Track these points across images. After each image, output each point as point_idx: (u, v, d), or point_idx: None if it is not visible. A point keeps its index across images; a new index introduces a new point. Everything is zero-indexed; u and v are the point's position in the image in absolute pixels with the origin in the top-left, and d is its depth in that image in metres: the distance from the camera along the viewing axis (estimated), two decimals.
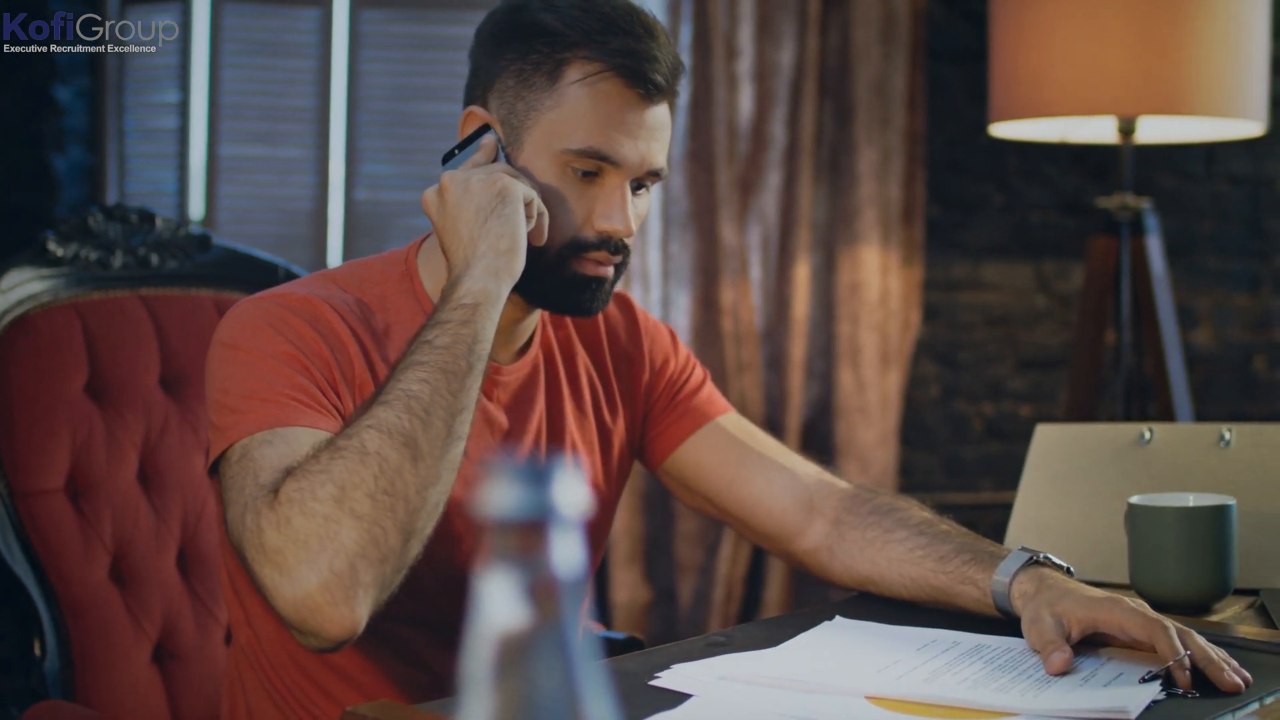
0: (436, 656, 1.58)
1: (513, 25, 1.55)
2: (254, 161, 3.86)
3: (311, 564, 1.28)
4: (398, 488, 1.32)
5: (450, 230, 1.48)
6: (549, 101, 1.52)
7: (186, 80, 3.80)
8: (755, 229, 3.72)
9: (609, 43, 1.50)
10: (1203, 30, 2.94)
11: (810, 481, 1.74)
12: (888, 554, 1.63)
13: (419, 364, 1.38)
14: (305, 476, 1.31)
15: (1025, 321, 3.95)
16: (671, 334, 1.81)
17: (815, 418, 3.80)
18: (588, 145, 1.51)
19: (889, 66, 3.72)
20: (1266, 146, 3.85)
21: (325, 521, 1.29)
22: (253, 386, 1.42)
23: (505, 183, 1.47)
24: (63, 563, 1.80)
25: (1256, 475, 1.80)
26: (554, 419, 1.66)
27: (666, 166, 1.57)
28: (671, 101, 1.57)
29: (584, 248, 1.54)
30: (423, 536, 1.35)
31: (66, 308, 1.88)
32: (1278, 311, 3.94)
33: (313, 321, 1.47)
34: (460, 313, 1.42)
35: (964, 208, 3.93)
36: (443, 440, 1.36)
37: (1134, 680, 1.31)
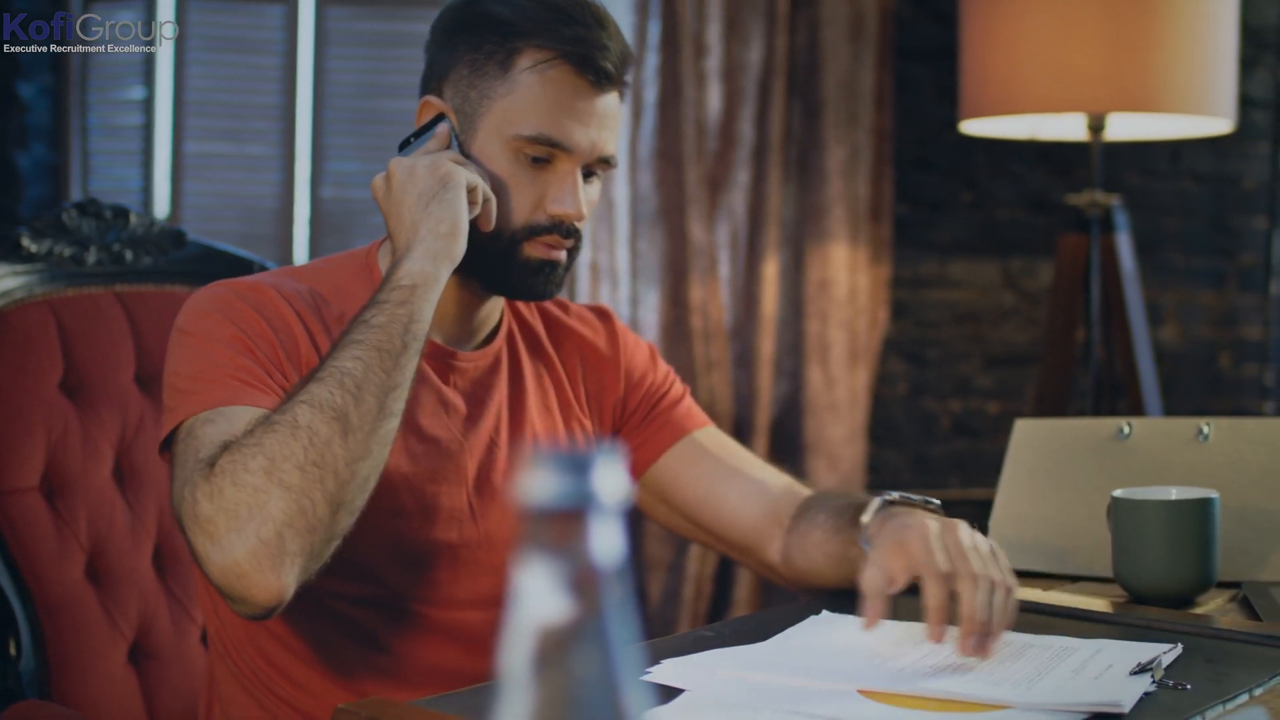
0: (394, 637, 1.60)
1: (466, 16, 1.61)
2: (219, 159, 3.83)
3: (240, 532, 1.33)
4: (327, 460, 1.36)
5: (395, 214, 1.54)
6: (501, 89, 1.57)
7: (151, 77, 3.77)
8: (724, 227, 3.72)
9: (560, 31, 1.55)
10: (1173, 28, 2.96)
11: (778, 492, 1.76)
12: (812, 540, 1.68)
13: (355, 342, 1.43)
14: (239, 450, 1.36)
15: (992, 319, 3.97)
16: (652, 350, 1.85)
17: (784, 415, 3.80)
18: (539, 132, 1.56)
19: (857, 65, 3.73)
20: (1231, 144, 3.88)
21: (255, 492, 1.34)
22: (199, 369, 1.48)
23: (448, 168, 1.53)
24: (38, 562, 1.78)
25: (1235, 469, 1.80)
26: (515, 410, 1.69)
27: (616, 155, 1.62)
28: (621, 90, 1.62)
29: (536, 231, 1.58)
30: (353, 509, 1.40)
31: (41, 304, 1.86)
32: (1243, 308, 3.97)
33: (259, 306, 1.53)
34: (398, 294, 1.46)
35: (931, 205, 3.94)
36: (374, 416, 1.40)
37: (1124, 672, 1.31)
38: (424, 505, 1.60)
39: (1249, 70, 3.81)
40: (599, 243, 3.61)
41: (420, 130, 1.62)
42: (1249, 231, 3.96)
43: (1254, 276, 3.96)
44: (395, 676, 1.59)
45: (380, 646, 1.60)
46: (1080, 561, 1.78)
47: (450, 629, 1.62)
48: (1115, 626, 1.48)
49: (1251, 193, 3.94)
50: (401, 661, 1.60)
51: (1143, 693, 1.26)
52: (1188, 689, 1.28)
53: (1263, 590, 1.65)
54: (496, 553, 1.65)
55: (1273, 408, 3.92)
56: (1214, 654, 1.39)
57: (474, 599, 1.63)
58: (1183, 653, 1.38)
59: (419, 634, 1.61)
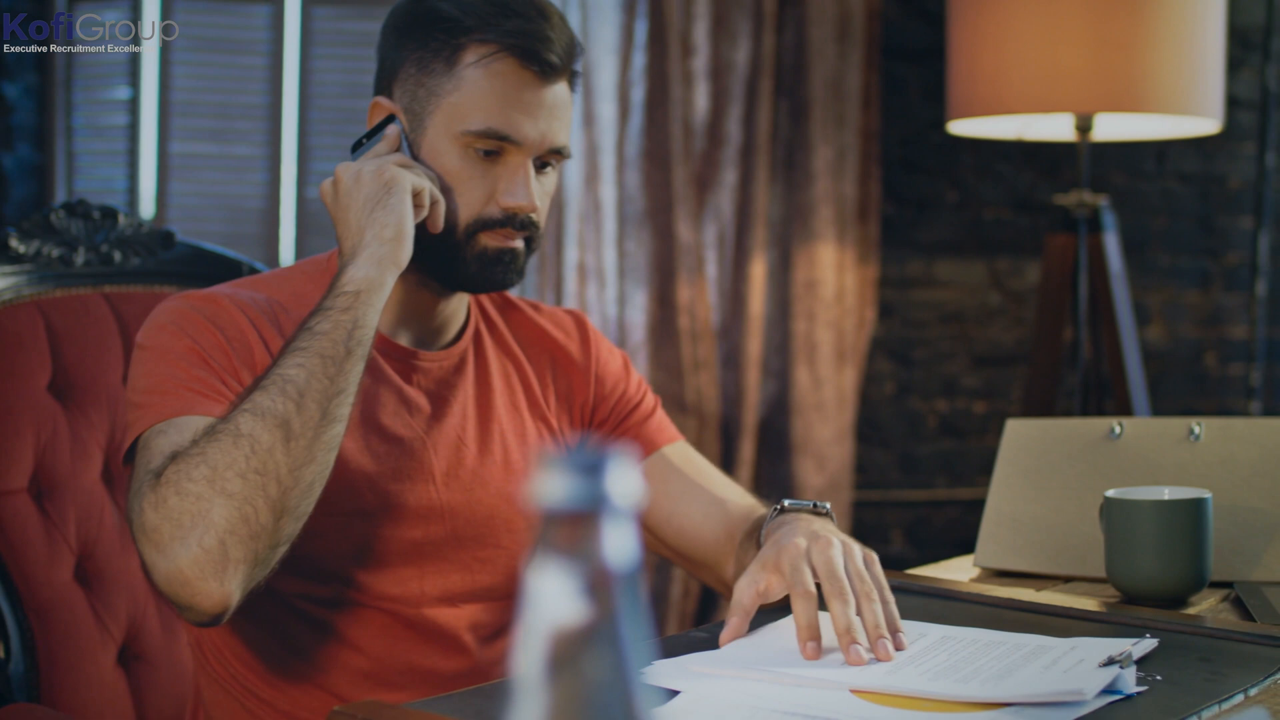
0: (368, 637, 1.61)
1: (413, 15, 1.62)
2: (205, 159, 3.82)
3: (183, 541, 1.35)
4: (269, 467, 1.38)
5: (341, 220, 1.55)
6: (448, 86, 1.58)
7: (136, 77, 3.76)
8: (711, 227, 3.71)
9: (502, 24, 1.56)
10: (1160, 29, 2.96)
11: (737, 513, 1.76)
12: (748, 557, 1.66)
13: (298, 349, 1.44)
14: (183, 460, 1.38)
15: (979, 318, 3.97)
16: (625, 360, 1.85)
17: (772, 415, 3.80)
18: (487, 126, 1.57)
19: (844, 65, 3.73)
20: (1216, 145, 3.89)
21: (197, 500, 1.36)
22: (154, 382, 1.50)
23: (392, 173, 1.54)
24: (27, 564, 1.77)
25: (1227, 469, 1.80)
26: (482, 408, 1.70)
27: (569, 145, 1.63)
28: (572, 80, 1.63)
29: (489, 225, 1.59)
30: (298, 514, 1.41)
31: (29, 305, 1.85)
32: (1228, 308, 3.97)
33: (213, 317, 1.54)
34: (343, 299, 1.48)
35: (918, 205, 3.95)
36: (316, 422, 1.41)
37: (1094, 665, 1.31)
38: (389, 504, 1.61)
39: (1234, 70, 3.82)
40: (586, 243, 3.61)
41: (371, 132, 1.63)
42: (1235, 231, 3.97)
43: (1239, 276, 3.97)
44: (372, 677, 1.61)
45: (355, 647, 1.61)
46: (1072, 562, 1.78)
47: (423, 627, 1.62)
48: (1108, 626, 1.48)
49: (1237, 192, 3.95)
50: (377, 661, 1.61)
51: (1109, 683, 1.26)
52: (1157, 680, 1.28)
53: (1255, 590, 1.65)
54: (465, 549, 1.65)
55: (1258, 407, 3.93)
56: (1208, 653, 1.39)
57: (444, 596, 1.64)
58: (1177, 652, 1.38)
59: (392, 633, 1.62)
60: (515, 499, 1.70)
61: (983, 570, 1.83)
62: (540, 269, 3.54)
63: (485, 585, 1.68)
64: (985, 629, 1.46)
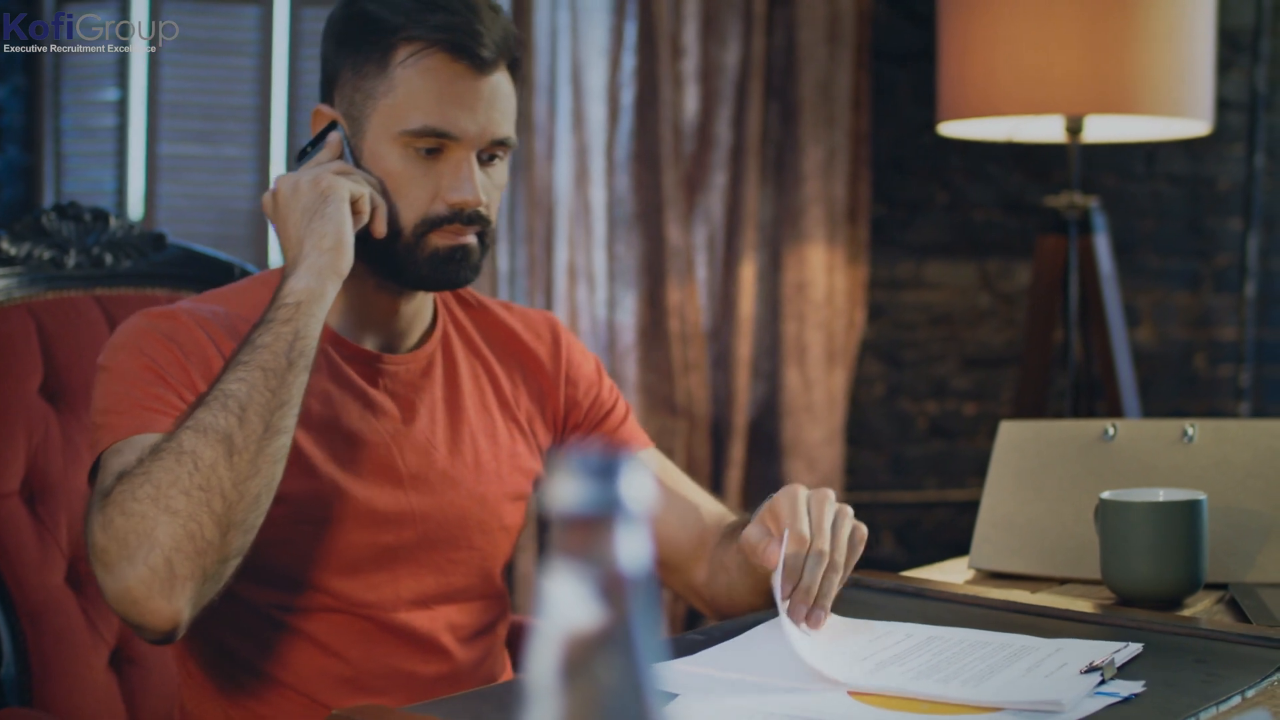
0: (346, 643, 1.61)
1: (346, 20, 1.62)
2: (194, 160, 3.81)
3: (130, 560, 1.36)
4: (213, 483, 1.38)
5: (282, 231, 1.55)
6: (382, 87, 1.58)
7: (125, 78, 3.75)
8: (701, 229, 3.71)
9: (429, 20, 1.56)
10: (1150, 30, 2.97)
11: (710, 518, 1.77)
12: (728, 558, 1.69)
13: (240, 363, 1.44)
14: (128, 479, 1.38)
15: (969, 320, 3.97)
16: (598, 365, 1.85)
17: (762, 417, 3.80)
18: (424, 124, 1.56)
19: (834, 66, 3.73)
20: (1205, 146, 3.89)
21: (142, 519, 1.36)
22: (112, 403, 1.50)
23: (329, 182, 1.53)
24: (19, 567, 1.77)
25: (1221, 470, 1.81)
26: (452, 411, 1.70)
27: (513, 135, 1.62)
28: (512, 71, 1.62)
29: (437, 223, 1.59)
30: (246, 527, 1.41)
31: (20, 308, 1.85)
32: (1218, 309, 3.98)
33: (170, 333, 1.54)
34: (284, 311, 1.47)
35: (908, 207, 3.95)
36: (259, 436, 1.41)
37: (1076, 670, 1.31)
38: (358, 510, 1.61)
39: (1224, 72, 3.82)
40: (576, 245, 3.61)
41: (314, 140, 1.62)
42: (1224, 233, 3.97)
43: (1229, 278, 3.97)
44: (353, 682, 1.61)
45: (334, 653, 1.61)
46: (1067, 563, 1.78)
47: (400, 631, 1.63)
48: (1103, 628, 1.48)
49: (1226, 194, 3.96)
50: (357, 667, 1.61)
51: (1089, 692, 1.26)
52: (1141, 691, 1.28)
53: (1250, 591, 1.65)
54: (437, 551, 1.66)
55: (1248, 408, 3.94)
56: (1204, 655, 1.39)
57: (418, 599, 1.64)
58: (1173, 654, 1.38)
59: (370, 638, 1.62)
60: (488, 499, 1.70)
61: (977, 572, 1.83)
62: (530, 271, 3.54)
63: (459, 586, 1.68)
64: (973, 629, 1.46)
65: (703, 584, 1.76)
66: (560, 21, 3.56)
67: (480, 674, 1.70)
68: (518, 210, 3.51)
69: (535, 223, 3.52)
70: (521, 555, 3.48)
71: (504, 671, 1.77)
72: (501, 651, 1.77)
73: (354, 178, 1.56)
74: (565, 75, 3.57)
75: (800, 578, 1.45)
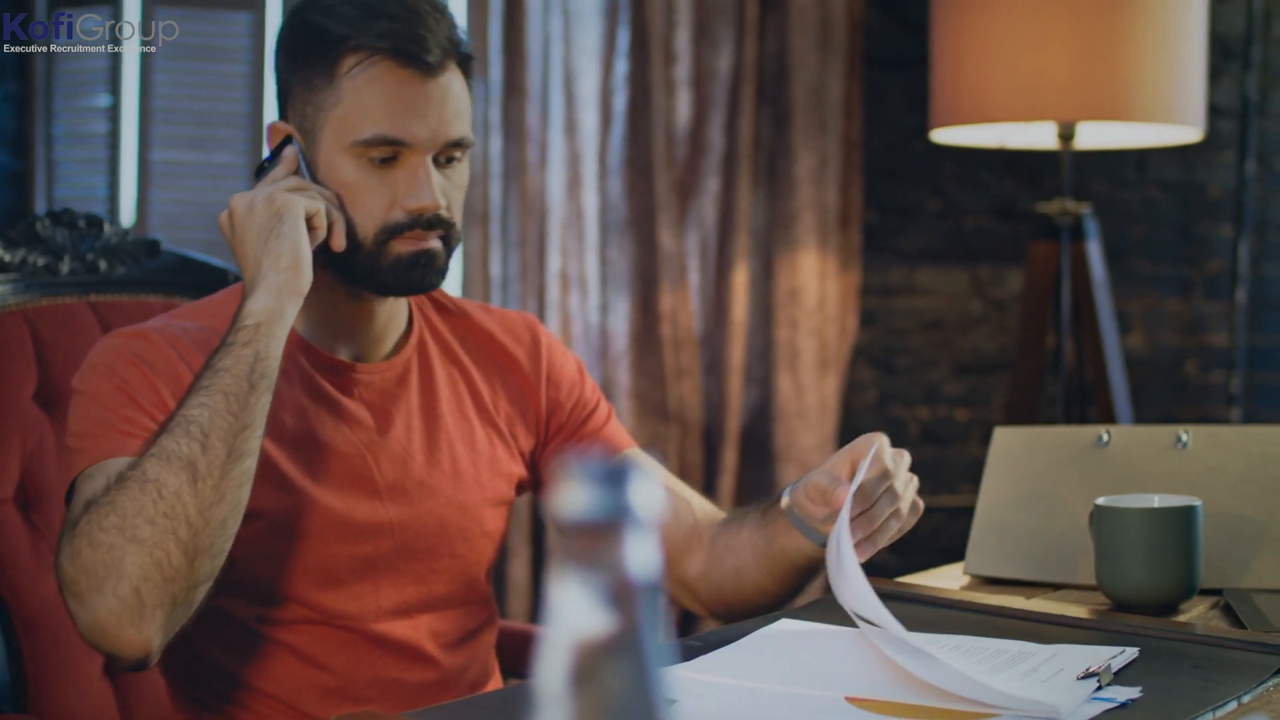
0: (331, 655, 1.61)
1: (292, 33, 1.62)
2: (186, 167, 3.80)
3: (98, 591, 1.37)
4: (178, 510, 1.38)
5: (239, 251, 1.55)
6: (331, 99, 1.57)
7: (117, 85, 3.74)
8: (693, 234, 3.71)
9: (372, 28, 1.55)
10: (1142, 37, 2.97)
11: (700, 512, 1.79)
12: (740, 537, 1.72)
13: (202, 388, 1.44)
14: (95, 509, 1.39)
15: (961, 326, 3.98)
16: (580, 366, 1.85)
17: (754, 423, 3.80)
18: (375, 133, 1.55)
19: (826, 73, 3.74)
20: (1197, 153, 3.90)
21: (109, 550, 1.37)
22: (85, 426, 1.51)
23: (283, 200, 1.53)
24: (13, 574, 1.76)
25: (1215, 476, 1.81)
26: (428, 418, 1.70)
27: (469, 135, 1.61)
28: (463, 69, 1.62)
29: (397, 230, 1.58)
30: (214, 553, 1.41)
31: (15, 314, 1.85)
32: (1209, 316, 3.99)
33: (140, 354, 1.55)
34: (244, 334, 1.47)
35: (900, 213, 3.95)
36: (223, 461, 1.41)
37: (1073, 676, 1.31)
38: (336, 522, 1.61)
39: (1215, 79, 3.83)
40: (569, 251, 3.60)
41: (271, 155, 1.61)
42: (1215, 239, 3.98)
43: (1220, 284, 3.98)
44: (339, 693, 1.61)
45: (319, 665, 1.61)
46: (1062, 569, 1.78)
47: (382, 640, 1.63)
48: (1098, 634, 1.49)
49: (1217, 200, 3.97)
50: (343, 677, 1.62)
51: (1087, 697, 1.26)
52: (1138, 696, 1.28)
53: (1244, 597, 1.65)
54: (417, 561, 1.65)
55: (1239, 414, 3.94)
56: (1200, 660, 1.39)
57: (399, 608, 1.64)
58: (1169, 660, 1.39)
59: (354, 649, 1.62)
60: (467, 507, 1.69)
61: (973, 578, 1.83)
62: (523, 277, 3.54)
63: (441, 594, 1.68)
64: (969, 635, 1.46)
65: (696, 577, 1.76)
66: (553, 27, 3.56)
67: (466, 680, 1.70)
68: (510, 216, 3.51)
69: (528, 228, 3.52)
70: (515, 561, 3.48)
71: (492, 676, 1.77)
72: (490, 656, 1.77)
73: (309, 194, 1.55)
74: (558, 81, 3.57)
75: (870, 507, 1.52)
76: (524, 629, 2.02)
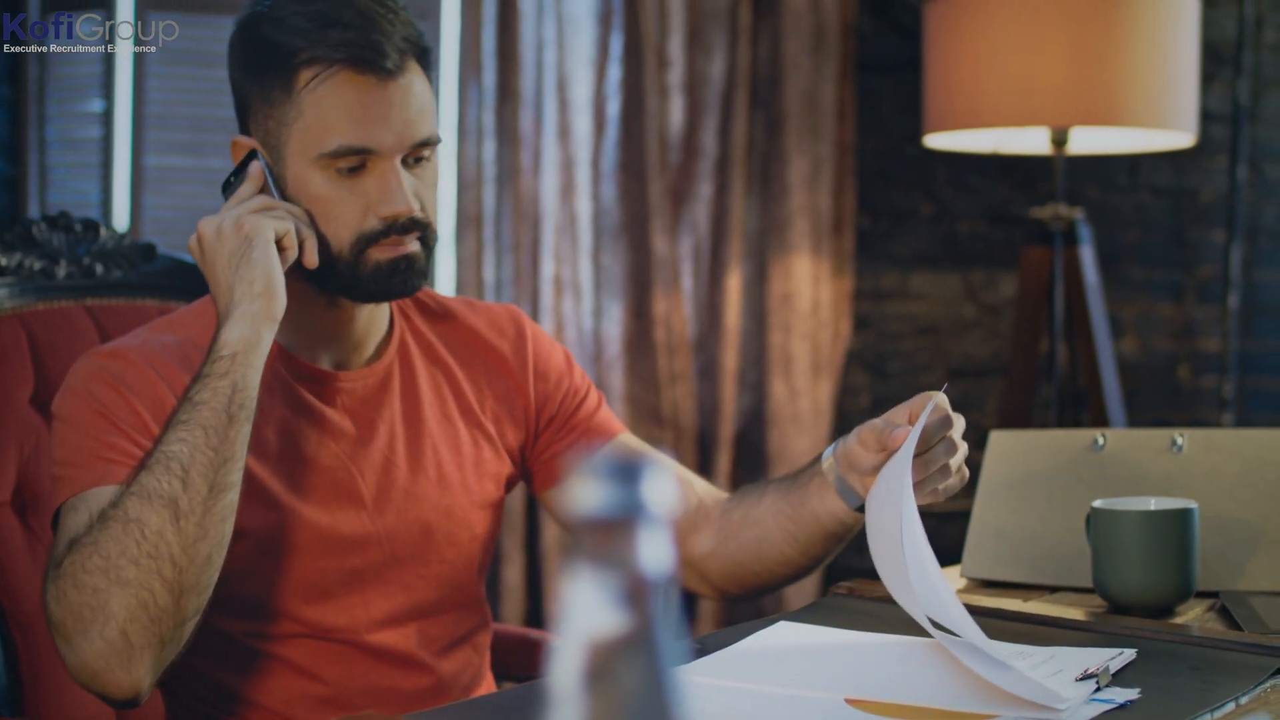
0: (324, 667, 1.61)
1: (246, 48, 1.59)
2: (180, 172, 3.80)
3: (85, 634, 1.37)
4: (161, 550, 1.37)
5: (210, 278, 1.52)
6: (292, 114, 1.54)
7: (111, 90, 3.74)
8: (687, 239, 3.72)
9: (327, 38, 1.52)
10: (1135, 43, 2.98)
11: (701, 490, 1.79)
12: (762, 506, 1.71)
13: (180, 423, 1.43)
14: (79, 549, 1.38)
15: (954, 331, 3.98)
16: (567, 356, 1.83)
17: (748, 427, 3.80)
18: (339, 144, 1.53)
19: (819, 78, 3.74)
20: (1188, 158, 3.91)
21: (94, 593, 1.36)
22: (67, 454, 1.49)
23: (251, 224, 1.50)
24: (11, 578, 1.76)
25: (1210, 479, 1.82)
26: (411, 424, 1.68)
27: (436, 132, 1.58)
28: (424, 65, 1.59)
29: (373, 238, 1.56)
30: (199, 588, 1.41)
31: (11, 318, 1.85)
32: (1201, 321, 4.00)
33: (119, 376, 1.52)
34: (219, 365, 1.45)
35: (893, 218, 3.96)
36: (205, 496, 1.40)
37: (1071, 678, 1.32)
38: (322, 536, 1.60)
39: (1206, 85, 3.84)
40: (562, 256, 3.61)
41: (236, 170, 1.58)
42: (1207, 245, 3.99)
43: (1212, 289, 3.99)
44: (334, 703, 1.61)
45: (312, 676, 1.61)
46: (1059, 572, 1.78)
47: (374, 650, 1.62)
48: (1096, 635, 1.49)
49: (1209, 206, 3.98)
50: (337, 687, 1.61)
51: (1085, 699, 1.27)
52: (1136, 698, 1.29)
53: (1241, 599, 1.66)
54: (406, 569, 1.64)
55: (1231, 419, 3.95)
56: (1198, 662, 1.40)
57: (390, 617, 1.64)
58: (1167, 662, 1.39)
59: (347, 659, 1.62)
60: (454, 511, 1.68)
61: (970, 581, 1.83)
62: (516, 282, 3.54)
63: (432, 600, 1.67)
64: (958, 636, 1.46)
65: (704, 555, 1.76)
66: (546, 33, 3.56)
67: (461, 683, 1.70)
68: (504, 221, 3.51)
69: (521, 234, 3.52)
70: (509, 566, 3.48)
71: (485, 679, 1.77)
72: (483, 659, 1.76)
73: (277, 213, 1.53)
74: (551, 87, 3.57)
75: (927, 451, 1.53)
76: (518, 632, 2.02)
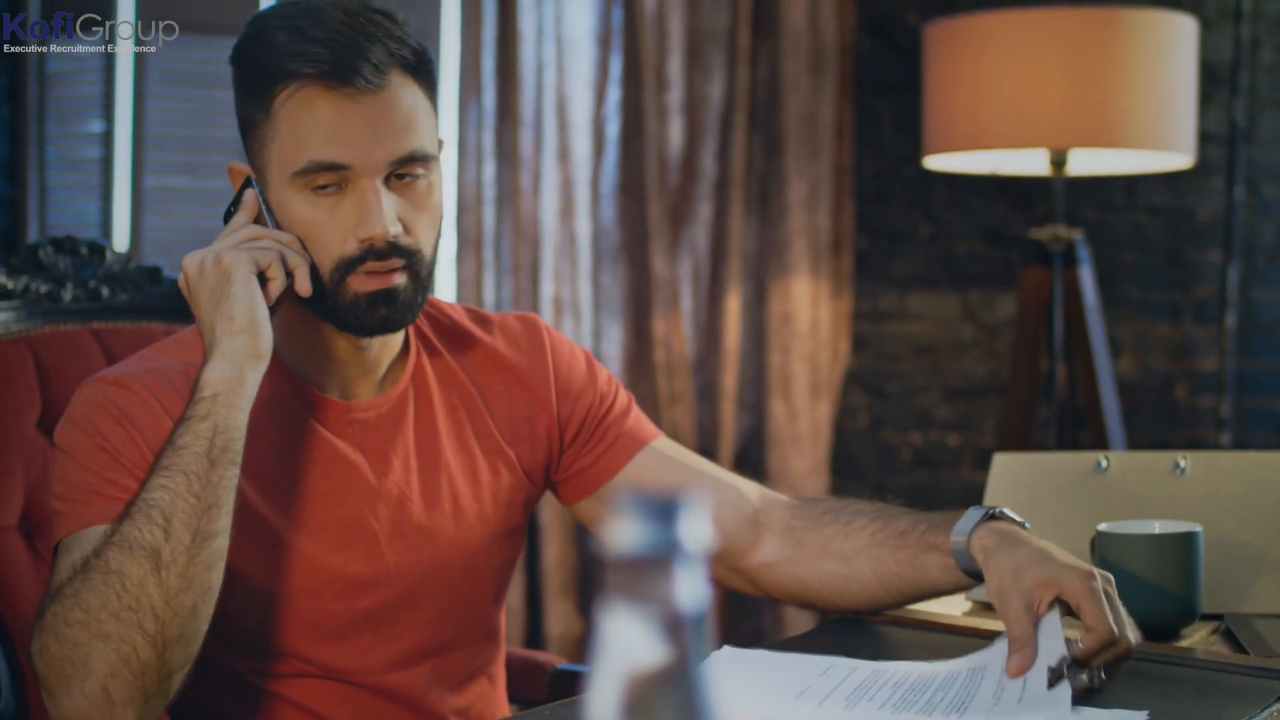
0: (333, 708, 1.57)
1: (238, 68, 1.53)
2: (179, 193, 3.81)
3: (66, 690, 1.33)
4: (142, 603, 1.33)
5: (196, 316, 1.47)
6: (269, 134, 1.48)
7: (110, 110, 3.75)
8: (686, 260, 3.73)
9: (303, 53, 1.45)
10: (1133, 65, 3.00)
11: (754, 497, 1.70)
12: (853, 544, 1.62)
13: (162, 469, 1.37)
14: (60, 601, 1.35)
15: (952, 351, 3.99)
16: (588, 358, 1.75)
17: (747, 448, 3.81)
18: (309, 160, 1.45)
19: (818, 98, 3.75)
20: (1185, 179, 3.92)
21: (75, 647, 1.33)
22: (68, 489, 1.46)
23: (229, 260, 1.44)
24: (17, 600, 1.76)
25: (1213, 502, 1.82)
26: (426, 452, 1.61)
27: (423, 146, 1.49)
28: (422, 83, 1.50)
29: (352, 264, 1.48)
30: (185, 640, 1.36)
31: (18, 341, 1.85)
32: (1199, 340, 4.01)
33: (121, 406, 1.47)
34: (201, 407, 1.39)
35: (891, 239, 3.97)
36: (188, 545, 1.35)
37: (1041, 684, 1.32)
38: (332, 578, 1.54)
39: (1203, 106, 3.86)
40: (562, 277, 3.62)
41: (235, 199, 1.53)
42: (1204, 265, 4.00)
43: (1209, 309, 4.00)
44: None
45: (320, 717, 1.57)
46: None
47: (384, 691, 1.58)
48: None
49: (1207, 226, 3.99)
50: None
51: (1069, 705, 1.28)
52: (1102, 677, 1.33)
53: (1245, 622, 1.66)
54: (420, 609, 1.59)
55: (1228, 438, 3.96)
56: (1204, 685, 1.40)
57: (400, 660, 1.59)
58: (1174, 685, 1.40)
59: (357, 700, 1.57)
60: (470, 547, 1.62)
61: (974, 604, 1.83)
62: (516, 302, 3.55)
63: (446, 638, 1.62)
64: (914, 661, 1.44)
65: (764, 564, 1.67)
66: (546, 55, 3.57)
67: (473, 715, 1.66)
68: (504, 241, 3.52)
69: (521, 254, 3.53)
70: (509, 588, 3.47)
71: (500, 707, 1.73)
72: (498, 687, 1.73)
73: (263, 243, 1.46)
74: (550, 108, 3.58)
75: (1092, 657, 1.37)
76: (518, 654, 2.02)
